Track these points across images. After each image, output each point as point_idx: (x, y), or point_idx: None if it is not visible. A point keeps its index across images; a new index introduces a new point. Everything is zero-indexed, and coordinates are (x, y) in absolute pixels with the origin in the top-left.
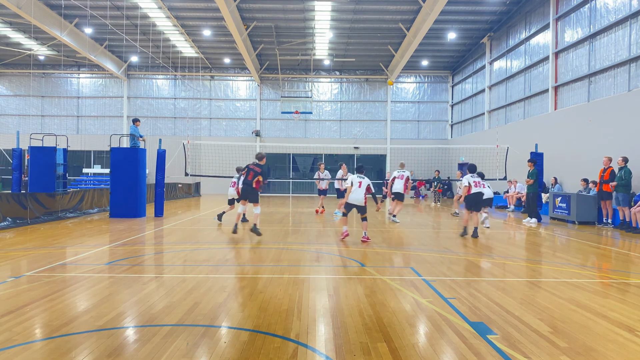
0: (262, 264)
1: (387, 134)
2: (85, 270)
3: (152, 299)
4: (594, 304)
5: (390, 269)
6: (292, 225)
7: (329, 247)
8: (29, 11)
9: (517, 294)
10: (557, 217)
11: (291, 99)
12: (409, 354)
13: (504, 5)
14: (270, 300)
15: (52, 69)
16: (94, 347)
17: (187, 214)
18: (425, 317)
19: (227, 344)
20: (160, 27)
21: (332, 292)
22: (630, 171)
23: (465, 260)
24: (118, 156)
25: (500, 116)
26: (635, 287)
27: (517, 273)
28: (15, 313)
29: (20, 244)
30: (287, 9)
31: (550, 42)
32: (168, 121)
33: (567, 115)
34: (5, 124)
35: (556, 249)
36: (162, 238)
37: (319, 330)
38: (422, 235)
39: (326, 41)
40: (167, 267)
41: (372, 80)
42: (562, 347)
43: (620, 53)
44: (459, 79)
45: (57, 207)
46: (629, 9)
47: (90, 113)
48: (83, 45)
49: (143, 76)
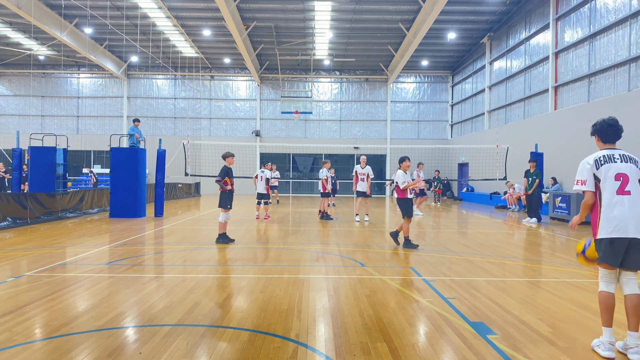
0: (262, 264)
1: (387, 134)
2: (85, 270)
3: (152, 299)
4: (594, 304)
5: (390, 269)
6: (292, 225)
7: (329, 247)
8: (29, 11)
9: (517, 294)
10: (557, 217)
11: (291, 99)
12: (409, 354)
13: (504, 5)
14: (270, 300)
15: (52, 69)
16: (94, 347)
17: (187, 214)
18: (425, 317)
19: (227, 344)
20: (160, 27)
21: (332, 292)
22: None
23: (465, 260)
24: (118, 156)
25: (500, 116)
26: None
27: (517, 273)
28: (15, 313)
29: (20, 244)
30: (287, 9)
31: (550, 42)
32: (168, 121)
33: (567, 115)
34: (5, 124)
35: (556, 249)
36: (162, 238)
37: (319, 330)
38: (422, 235)
39: (326, 41)
40: (167, 267)
41: (372, 80)
42: (562, 347)
43: (620, 53)
44: (459, 79)
45: (57, 207)
46: (629, 9)
47: (90, 113)
48: (83, 45)
49: (143, 76)
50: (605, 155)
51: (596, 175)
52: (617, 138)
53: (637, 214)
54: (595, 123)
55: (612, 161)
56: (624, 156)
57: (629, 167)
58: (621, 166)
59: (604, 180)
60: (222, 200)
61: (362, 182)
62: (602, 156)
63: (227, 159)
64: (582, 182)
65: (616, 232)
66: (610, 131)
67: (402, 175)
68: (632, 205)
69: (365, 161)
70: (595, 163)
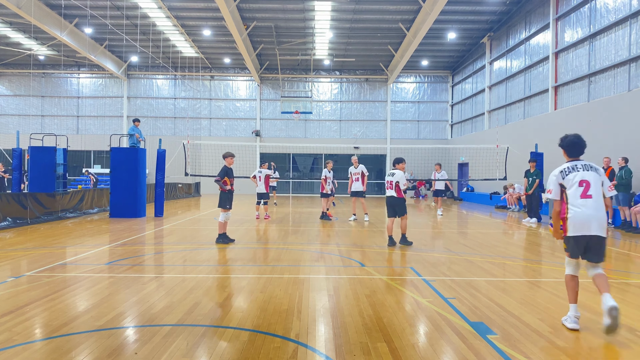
0: (262, 264)
1: (387, 134)
2: (85, 270)
3: (152, 299)
4: (594, 304)
5: (390, 269)
6: (292, 225)
7: (329, 247)
8: (29, 11)
9: (517, 294)
10: None
11: (291, 99)
12: (409, 354)
13: (504, 5)
14: (270, 300)
15: (52, 69)
16: (94, 347)
17: (187, 214)
18: (425, 317)
19: (227, 344)
20: (160, 27)
21: (332, 292)
22: (630, 171)
23: (465, 260)
24: (118, 156)
25: (500, 116)
26: (635, 287)
27: (517, 273)
28: (15, 313)
29: (20, 244)
30: (287, 9)
31: (550, 42)
32: (168, 121)
33: (567, 115)
34: (5, 124)
35: (556, 249)
36: (162, 238)
37: (319, 330)
38: (422, 235)
39: (326, 41)
40: (167, 267)
41: (372, 80)
42: (562, 347)
43: (620, 53)
44: (459, 79)
45: (57, 207)
46: (629, 9)
47: (90, 113)
48: (83, 45)
49: (143, 76)
50: (569, 166)
51: (562, 184)
52: (581, 153)
53: (598, 214)
54: (563, 139)
55: (575, 170)
56: (586, 165)
57: (591, 174)
58: (584, 174)
59: (569, 187)
60: (221, 200)
61: (355, 182)
62: (566, 167)
63: (227, 159)
64: (549, 191)
65: (580, 231)
66: (575, 147)
67: (403, 176)
68: (594, 207)
69: (356, 161)
70: (561, 173)
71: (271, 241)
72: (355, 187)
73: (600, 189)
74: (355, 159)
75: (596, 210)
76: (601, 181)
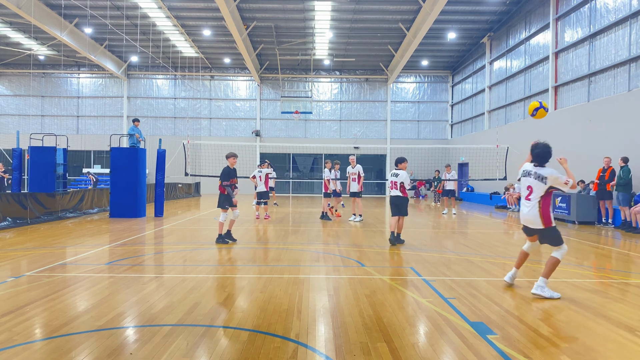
0: (262, 264)
1: (387, 134)
2: (85, 270)
3: (152, 299)
4: (594, 304)
5: (390, 269)
6: (292, 225)
7: (328, 247)
8: (29, 11)
9: (517, 294)
10: (557, 217)
11: (291, 99)
12: (409, 354)
13: (504, 5)
14: (270, 300)
15: (52, 69)
16: (94, 347)
17: (187, 214)
18: (425, 317)
19: (227, 344)
20: (160, 27)
21: (332, 292)
22: (630, 171)
23: (465, 260)
24: (118, 156)
25: (500, 116)
26: (635, 287)
27: (517, 273)
28: (15, 313)
29: (20, 244)
30: (287, 9)
31: (550, 42)
32: (168, 121)
33: (567, 115)
34: (5, 124)
35: None
36: (162, 238)
37: (319, 330)
38: (422, 235)
39: (326, 41)
40: (167, 267)
41: (372, 80)
42: (562, 347)
43: (620, 53)
44: (459, 79)
45: (57, 207)
46: (629, 9)
47: (90, 113)
48: (83, 45)
49: (143, 76)
50: (525, 170)
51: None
52: (545, 161)
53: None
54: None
55: (529, 175)
56: (536, 173)
57: (535, 182)
58: (530, 180)
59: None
60: (221, 201)
61: (352, 183)
62: (524, 170)
63: (230, 159)
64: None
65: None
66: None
67: (407, 176)
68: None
69: (354, 161)
70: (522, 173)
71: (271, 241)
72: (353, 188)
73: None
74: (352, 158)
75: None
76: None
